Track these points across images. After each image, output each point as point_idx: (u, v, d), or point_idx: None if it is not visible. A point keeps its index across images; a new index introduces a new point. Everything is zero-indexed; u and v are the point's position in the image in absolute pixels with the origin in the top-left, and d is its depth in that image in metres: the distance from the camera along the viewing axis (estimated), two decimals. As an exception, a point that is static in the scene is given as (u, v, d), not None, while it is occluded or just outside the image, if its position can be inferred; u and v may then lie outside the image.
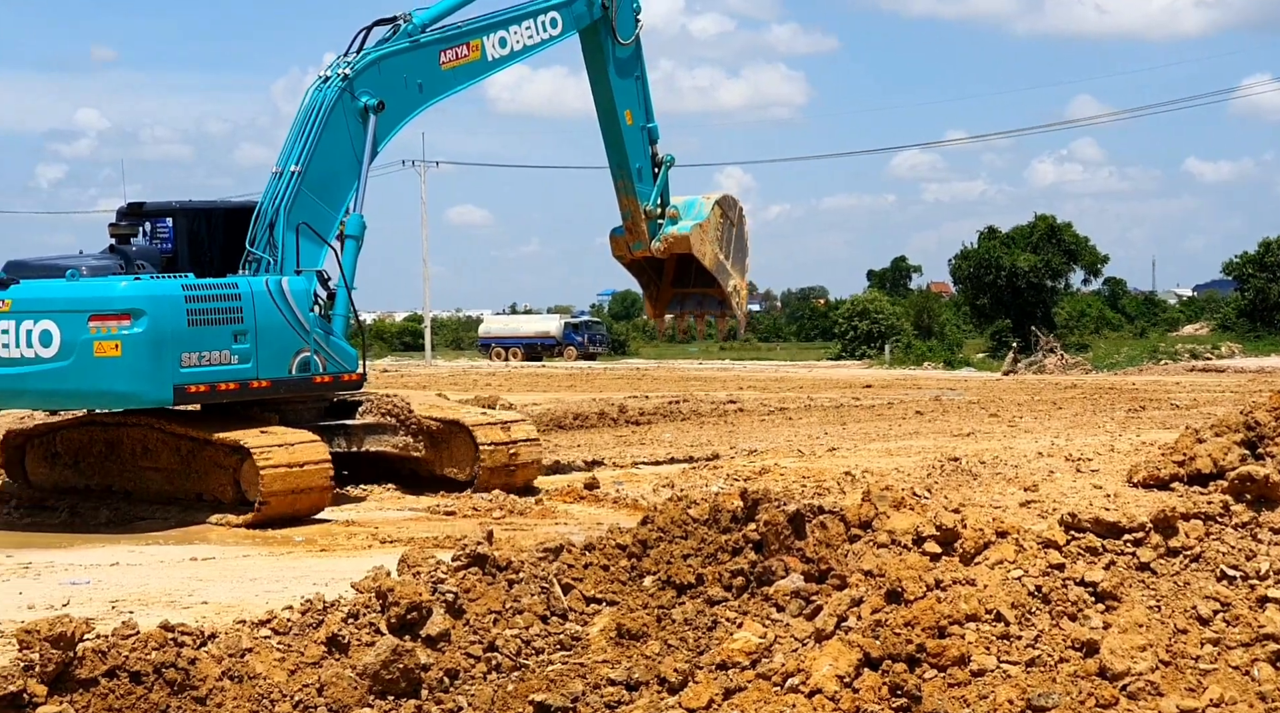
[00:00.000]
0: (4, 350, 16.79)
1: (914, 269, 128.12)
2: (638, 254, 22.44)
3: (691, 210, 22.23)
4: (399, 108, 19.23)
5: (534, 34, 20.65)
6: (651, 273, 23.12)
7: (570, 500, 18.12)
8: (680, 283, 23.19)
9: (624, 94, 21.77)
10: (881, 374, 59.00)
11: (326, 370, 18.17)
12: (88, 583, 12.61)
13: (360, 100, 18.71)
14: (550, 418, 32.46)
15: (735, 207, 22.75)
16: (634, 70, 21.94)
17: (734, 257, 22.55)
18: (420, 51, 19.44)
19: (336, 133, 18.59)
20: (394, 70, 19.14)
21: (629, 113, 21.80)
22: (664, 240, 22.09)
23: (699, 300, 23.18)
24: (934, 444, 23.36)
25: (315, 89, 18.76)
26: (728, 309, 22.92)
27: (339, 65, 18.79)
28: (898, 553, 8.39)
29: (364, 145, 18.72)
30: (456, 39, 19.83)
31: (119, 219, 18.41)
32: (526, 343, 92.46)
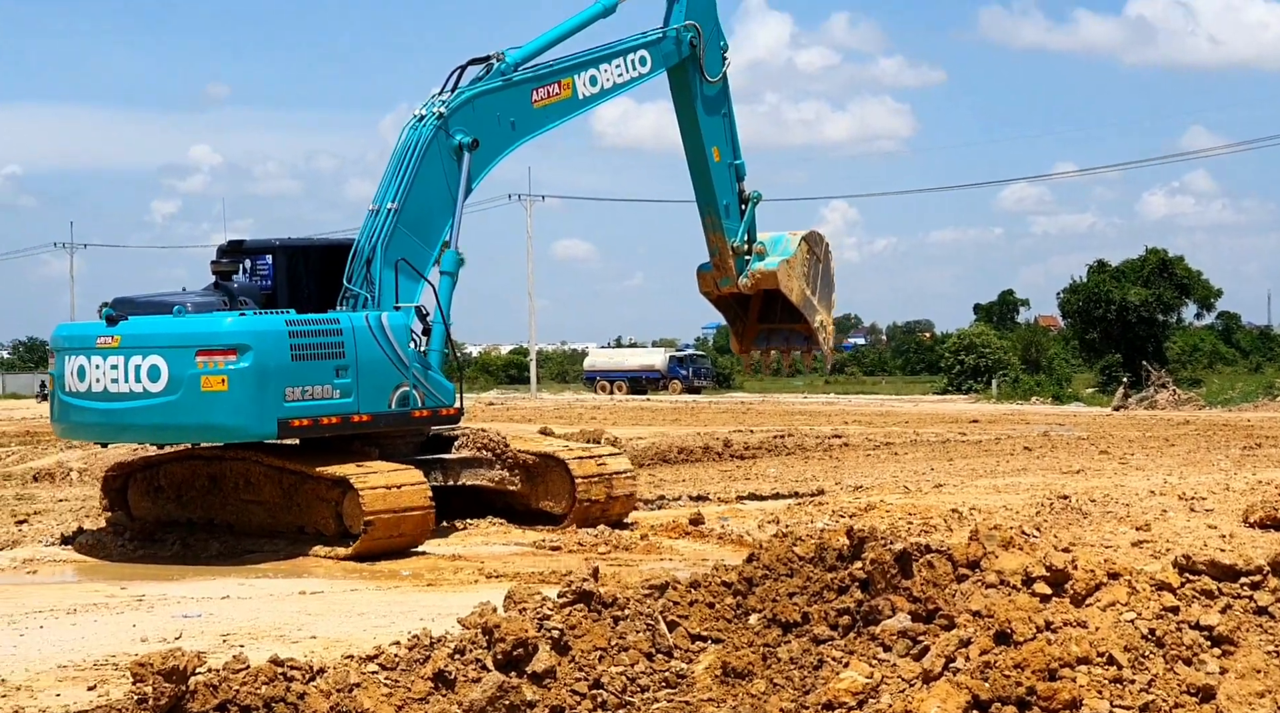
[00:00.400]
0: (113, 385, 17.08)
1: (1021, 303, 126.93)
2: (725, 290, 22.52)
3: (778, 246, 22.27)
4: (493, 145, 19.44)
5: (624, 72, 20.83)
6: (738, 308, 23.17)
7: (675, 536, 18.09)
8: (766, 319, 23.20)
9: (711, 131, 21.92)
10: (988, 409, 58.46)
11: (425, 405, 18.33)
12: (199, 616, 12.76)
13: (455, 138, 18.93)
14: (655, 452, 32.47)
15: (822, 243, 22.75)
16: (721, 107, 22.07)
17: (820, 292, 22.54)
18: (513, 90, 19.66)
19: (432, 170, 18.82)
20: (488, 108, 19.36)
21: (716, 150, 21.96)
22: (751, 276, 22.16)
23: (785, 336, 23.18)
24: (1043, 481, 23.08)
25: (411, 127, 19.00)
26: (814, 344, 22.88)
27: (434, 104, 19.01)
28: (1007, 594, 8.29)
29: (459, 182, 18.92)
30: (548, 77, 20.04)
31: (220, 257, 18.72)
32: (631, 376, 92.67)
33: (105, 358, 17.15)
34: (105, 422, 17.42)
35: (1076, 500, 18.97)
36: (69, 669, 10.38)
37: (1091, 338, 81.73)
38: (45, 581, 15.94)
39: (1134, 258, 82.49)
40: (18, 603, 13.70)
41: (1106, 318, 79.10)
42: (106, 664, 10.49)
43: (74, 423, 17.93)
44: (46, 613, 13.01)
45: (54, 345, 18.25)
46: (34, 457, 32.39)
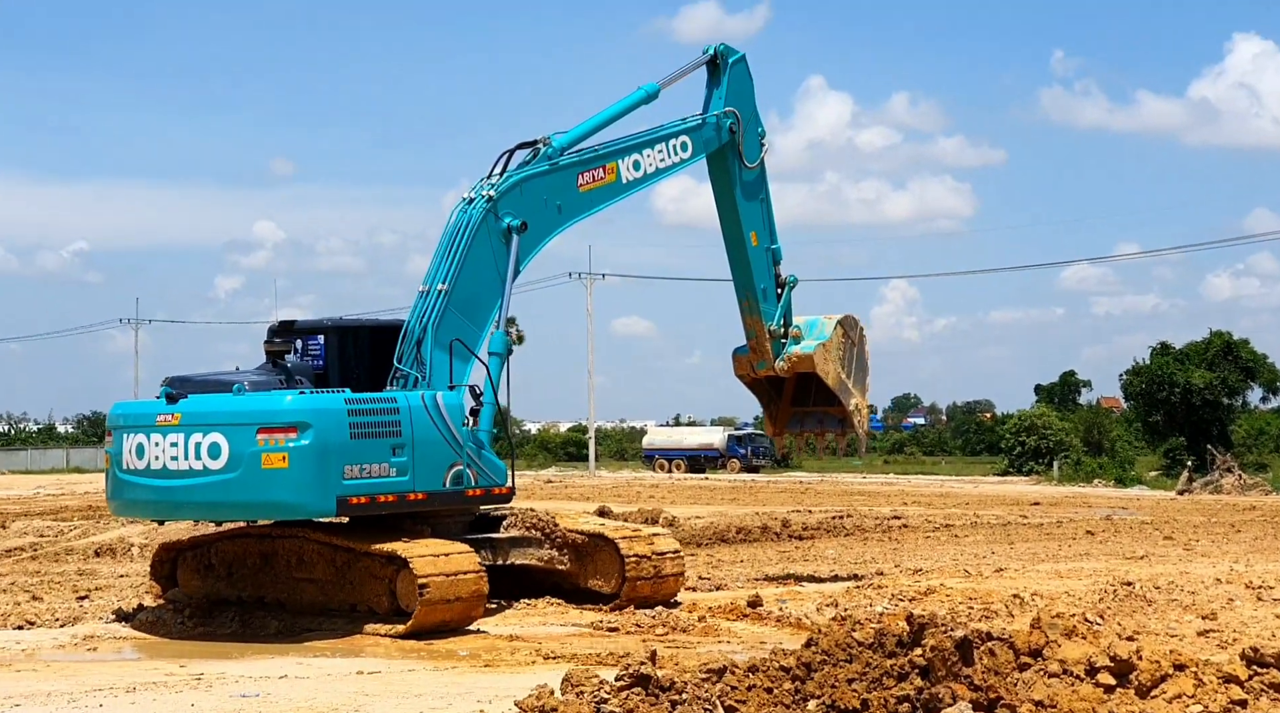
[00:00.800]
0: (172, 462, 17.20)
1: (1083, 384, 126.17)
2: (761, 373, 22.63)
3: (814, 330, 22.37)
4: (540, 228, 19.67)
5: (665, 157, 21.11)
6: (772, 392, 23.25)
7: (733, 618, 18.00)
8: (800, 402, 23.25)
9: (749, 216, 22.15)
10: (1050, 491, 57.98)
11: (478, 484, 18.41)
12: (257, 696, 12.77)
13: (504, 221, 19.15)
14: (713, 531, 32.37)
15: (857, 327, 22.83)
16: (759, 193, 22.33)
17: (855, 376, 22.60)
18: (559, 174, 19.90)
19: (481, 252, 19.02)
20: (535, 192, 19.59)
21: (754, 234, 22.20)
22: (787, 359, 22.28)
23: (819, 419, 23.18)
24: (1105, 567, 22.82)
25: (460, 210, 19.23)
26: (848, 427, 22.86)
27: (483, 187, 19.26)
28: (1070, 683, 8.20)
29: (507, 264, 19.13)
30: (593, 162, 20.29)
31: (271, 336, 18.92)
32: (690, 455, 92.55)
33: (165, 435, 17.29)
34: (163, 499, 17.54)
35: (1140, 587, 18.75)
36: (127, 748, 10.40)
37: (1155, 420, 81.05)
38: (105, 658, 16.01)
39: (1198, 341, 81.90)
40: (78, 681, 13.77)
41: (1170, 400, 78.46)
42: (164, 743, 10.50)
43: (131, 500, 18.05)
44: (106, 691, 13.05)
45: (111, 424, 18.40)
46: (96, 531, 32.62)
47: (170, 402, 17.48)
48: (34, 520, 35.59)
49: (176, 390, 17.67)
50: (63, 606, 19.87)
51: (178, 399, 17.49)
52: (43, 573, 25.41)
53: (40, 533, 33.06)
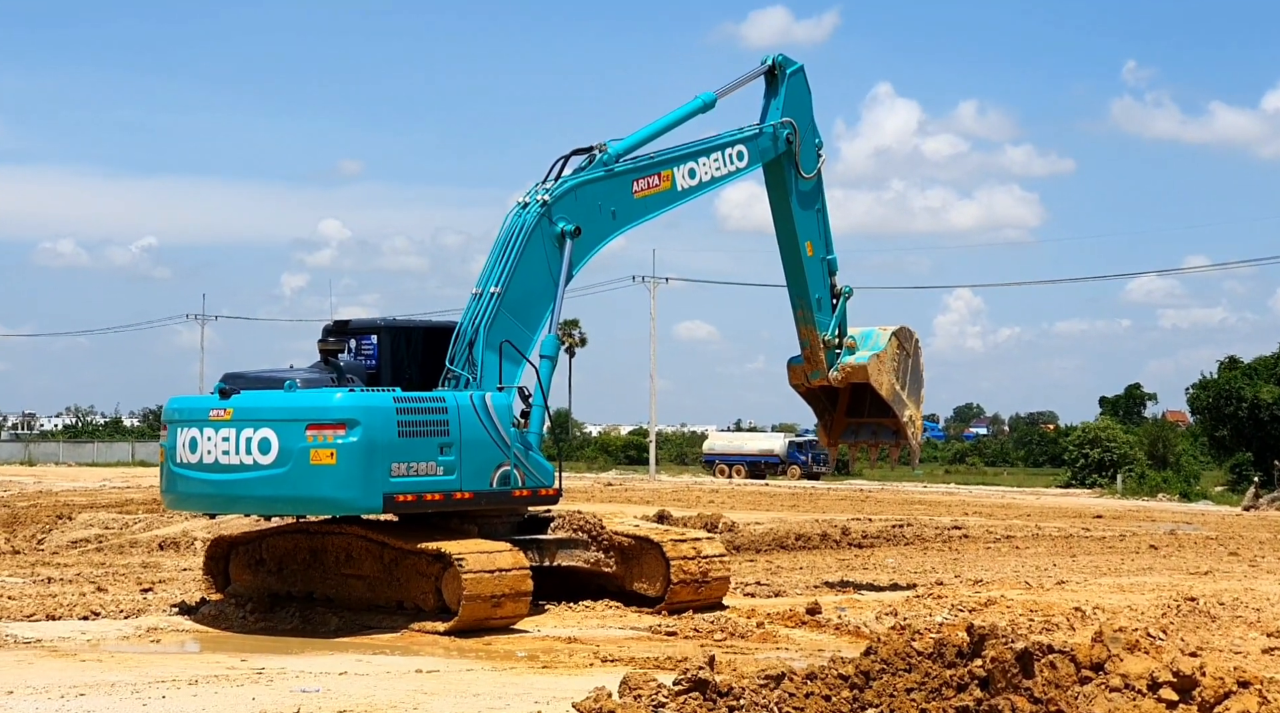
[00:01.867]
0: (224, 457, 17.43)
1: (1149, 397, 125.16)
2: (815, 383, 22.57)
3: (869, 341, 22.32)
4: (594, 234, 19.75)
5: (721, 166, 21.16)
6: (826, 402, 23.20)
7: (792, 625, 17.96)
8: (854, 413, 23.18)
9: (805, 226, 22.17)
10: (1113, 504, 57.52)
11: (525, 485, 18.50)
12: (318, 691, 12.86)
13: (558, 225, 19.23)
14: (773, 538, 32.31)
15: (912, 338, 22.73)
16: (815, 203, 22.34)
17: (909, 387, 22.49)
18: (615, 180, 19.97)
19: (535, 256, 19.11)
20: (590, 197, 19.66)
21: (809, 244, 22.20)
22: (842, 370, 22.21)
23: (873, 430, 23.09)
24: (1169, 582, 22.64)
25: (515, 214, 19.32)
26: (902, 439, 22.74)
27: (538, 192, 19.35)
28: (1131, 698, 8.14)
29: (560, 269, 19.20)
30: (649, 169, 20.36)
31: (326, 336, 19.11)
32: (750, 461, 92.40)
33: (217, 430, 17.51)
34: (215, 493, 17.76)
35: (1204, 603, 18.59)
36: (189, 740, 10.50)
37: (1221, 435, 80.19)
38: (168, 650, 16.18)
39: (1267, 355, 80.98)
40: (142, 672, 13.92)
41: (1237, 415, 77.60)
42: (225, 736, 10.59)
43: (183, 494, 18.29)
44: (169, 683, 13.19)
45: (166, 418, 18.66)
46: (160, 525, 32.96)
47: (223, 397, 17.71)
48: (99, 513, 35.97)
49: (231, 386, 17.89)
50: (127, 598, 20.09)
51: (231, 395, 17.71)
52: (107, 565, 25.71)
53: (105, 525, 33.44)
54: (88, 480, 60.77)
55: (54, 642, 16.12)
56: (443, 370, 18.87)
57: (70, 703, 12.15)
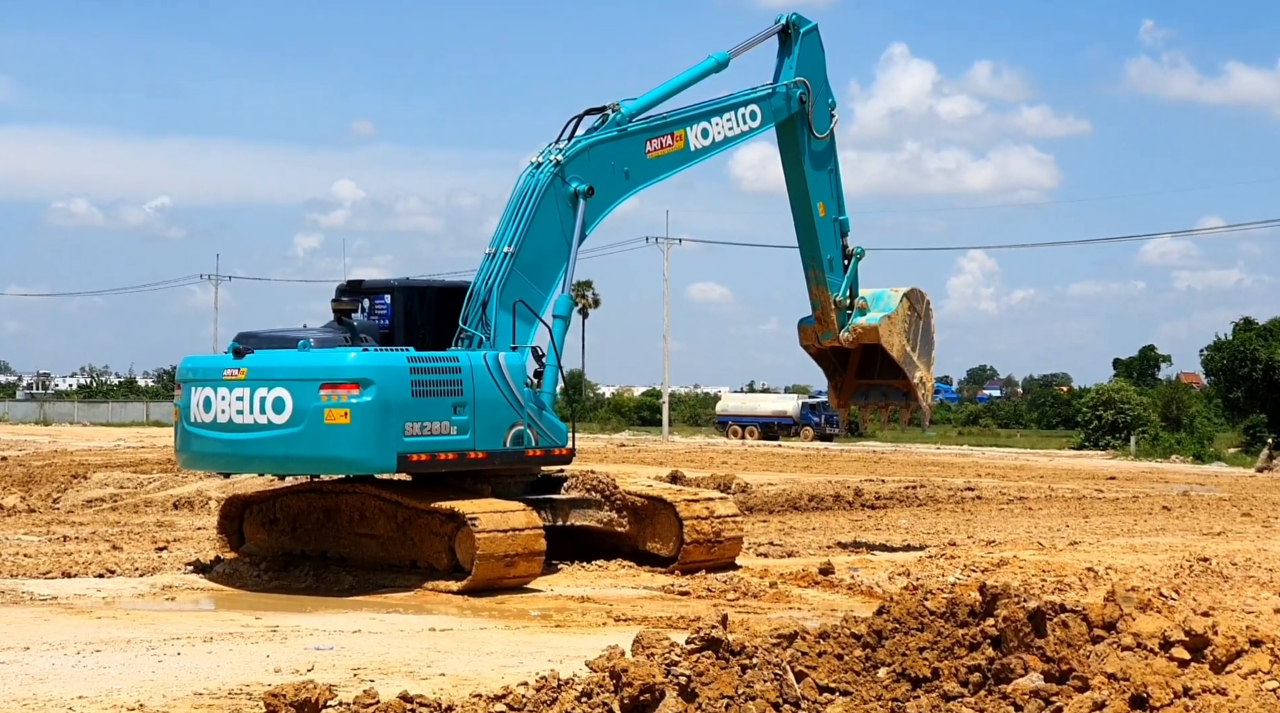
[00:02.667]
0: (238, 416, 17.46)
1: (1163, 359, 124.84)
2: (826, 344, 22.52)
3: (880, 302, 22.27)
4: (607, 193, 19.74)
5: (734, 126, 21.15)
6: (837, 364, 23.15)
7: (805, 585, 18.00)
8: (865, 375, 23.12)
9: (818, 186, 22.12)
10: (1126, 466, 57.48)
11: (539, 444, 18.53)
12: (331, 649, 12.92)
13: (571, 185, 19.22)
14: (786, 499, 32.34)
15: (923, 300, 22.66)
16: (828, 163, 22.29)
17: (920, 349, 22.43)
18: (628, 140, 19.98)
19: (548, 216, 19.11)
20: (603, 157, 19.66)
21: (821, 205, 22.16)
22: (853, 330, 22.16)
23: (883, 391, 23.05)
24: (1182, 542, 22.63)
25: (528, 174, 19.32)
26: (912, 401, 22.69)
27: (551, 152, 19.35)
28: (1143, 657, 8.15)
29: (573, 228, 19.20)
30: (661, 129, 20.36)
31: (339, 295, 19.12)
32: (763, 422, 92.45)
33: (231, 390, 17.53)
34: (229, 452, 17.80)
35: (1217, 563, 18.59)
36: (204, 697, 10.56)
37: (1235, 397, 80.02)
38: (183, 608, 16.25)
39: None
40: (156, 629, 13.99)
41: (1252, 377, 77.41)
42: (240, 693, 10.66)
43: (198, 453, 18.32)
44: (184, 640, 13.25)
45: (180, 377, 18.69)
46: (175, 484, 33.06)
47: (237, 357, 17.73)
48: (114, 472, 36.10)
49: (245, 346, 17.91)
50: (142, 556, 20.18)
51: (244, 354, 17.72)
52: (122, 524, 25.80)
53: (120, 485, 33.55)
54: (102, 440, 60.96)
55: (70, 599, 16.21)
56: (456, 331, 18.91)
57: (86, 659, 12.21)
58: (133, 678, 11.30)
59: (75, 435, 68.33)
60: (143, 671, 11.69)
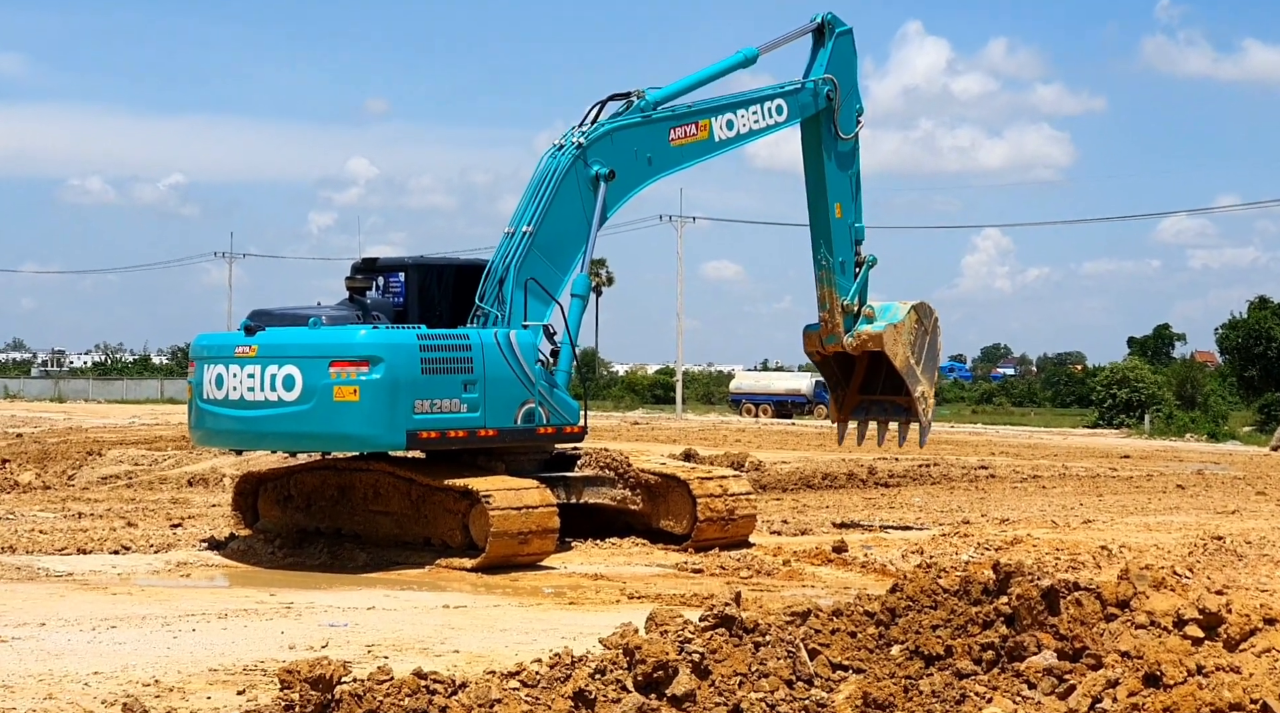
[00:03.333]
0: (249, 393, 17.53)
1: (1178, 337, 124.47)
2: (829, 348, 22.33)
3: (887, 313, 22.18)
4: (628, 179, 19.79)
5: (760, 119, 21.15)
6: (840, 375, 22.93)
7: (818, 563, 18.02)
8: (868, 390, 22.92)
9: (837, 187, 22.06)
10: (1140, 445, 57.40)
11: (550, 422, 18.58)
12: (345, 626, 12.96)
13: (592, 168, 19.28)
14: (799, 477, 32.37)
15: (931, 315, 22.56)
16: (850, 166, 22.26)
17: (925, 364, 22.28)
18: (652, 127, 20.03)
19: (568, 198, 19.16)
20: (626, 142, 19.71)
21: (839, 206, 22.10)
22: (857, 336, 22.00)
23: (884, 407, 22.85)
24: (1196, 521, 22.61)
25: (549, 156, 19.39)
26: (913, 417, 22.46)
27: (574, 134, 19.42)
28: (1157, 635, 8.14)
29: (594, 211, 19.23)
30: (686, 118, 20.40)
31: (354, 273, 19.19)
32: (777, 400, 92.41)
33: (243, 367, 17.60)
34: (241, 429, 17.88)
35: (1231, 542, 18.58)
36: (219, 673, 10.61)
37: (1250, 376, 79.91)
38: (197, 584, 16.31)
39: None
40: (171, 606, 14.04)
41: (1267, 356, 77.30)
42: (255, 669, 10.70)
43: (211, 430, 18.40)
44: (198, 617, 13.30)
45: (193, 354, 18.78)
46: (189, 461, 33.15)
47: (249, 334, 17.78)
48: (129, 450, 36.19)
49: (257, 323, 17.96)
50: (156, 532, 20.24)
51: (256, 331, 17.77)
52: (137, 500, 25.89)
53: (135, 461, 33.65)
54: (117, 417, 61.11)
55: (85, 575, 16.27)
56: (470, 309, 18.95)
57: (101, 635, 12.27)
58: (148, 654, 11.35)
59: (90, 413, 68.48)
60: (158, 647, 11.74)
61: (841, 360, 22.68)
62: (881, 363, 22.21)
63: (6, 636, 12.04)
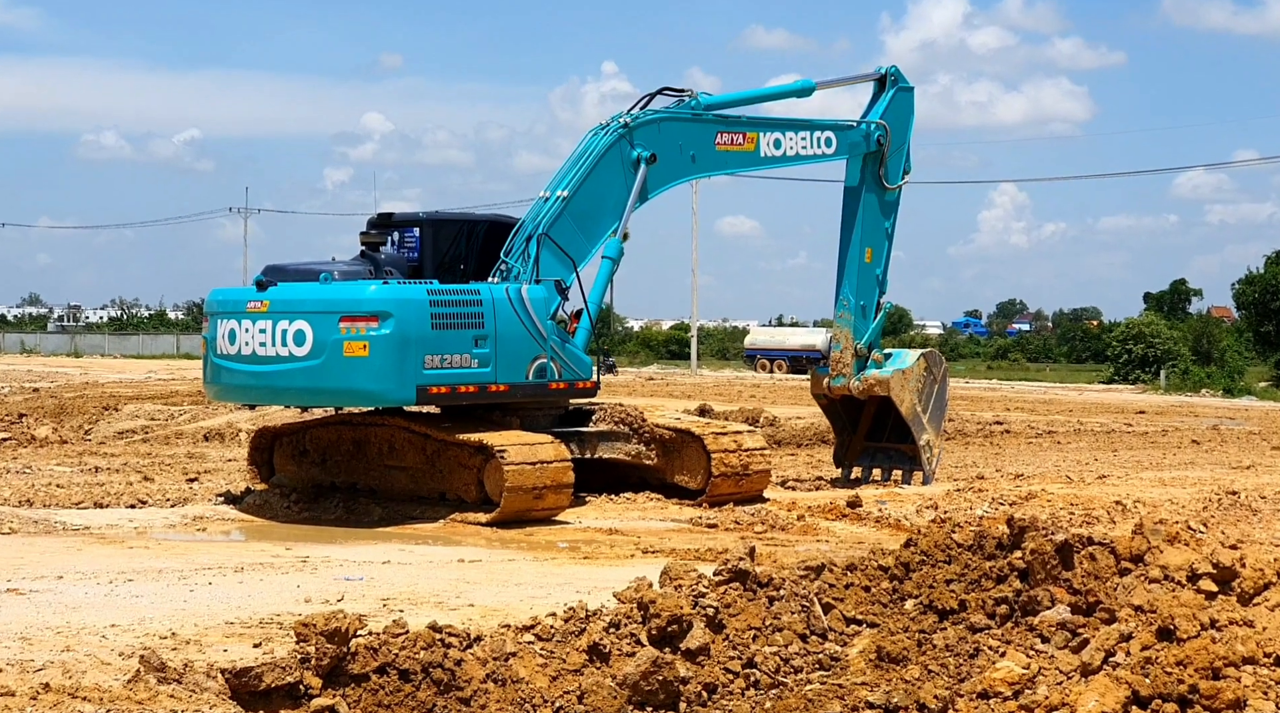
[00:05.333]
0: (261, 349, 17.58)
1: (1194, 293, 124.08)
2: (836, 390, 22.18)
3: (896, 359, 22.15)
4: (669, 169, 19.93)
5: (808, 146, 21.33)
6: (846, 421, 22.78)
7: (832, 518, 18.05)
8: (874, 438, 22.82)
9: (870, 233, 22.10)
10: (1156, 400, 57.30)
11: (562, 377, 18.61)
12: (361, 579, 13.01)
13: (635, 151, 19.44)
14: (814, 432, 32.35)
15: (940, 364, 22.51)
16: (888, 217, 22.31)
17: (931, 413, 22.18)
18: (700, 125, 20.22)
19: (608, 173, 19.29)
20: (671, 134, 19.87)
21: (870, 251, 22.13)
22: (865, 381, 21.88)
23: (890, 456, 22.72)
24: (1211, 476, 22.58)
25: (593, 133, 19.53)
26: (917, 466, 22.34)
27: (621, 116, 19.56)
28: (1171, 589, 8.16)
29: (632, 189, 19.30)
30: (736, 126, 20.61)
31: (369, 228, 19.22)
32: (792, 356, 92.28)
33: (255, 322, 17.64)
34: (254, 384, 17.95)
35: (1246, 497, 18.55)
36: (235, 626, 10.66)
37: (1267, 331, 79.69)
38: (213, 538, 16.38)
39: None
40: (188, 559, 14.11)
41: (1283, 310, 77.04)
42: (271, 623, 10.75)
43: (225, 385, 18.48)
44: (215, 570, 13.36)
45: (208, 310, 18.85)
46: (205, 416, 33.23)
47: (260, 289, 17.81)
48: (145, 404, 36.27)
49: (270, 279, 17.99)
50: (173, 487, 20.32)
51: (268, 287, 17.80)
52: (153, 455, 25.97)
53: (151, 416, 33.73)
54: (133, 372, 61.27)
55: (102, 529, 16.35)
56: (484, 264, 18.97)
57: (119, 588, 12.33)
58: (165, 607, 11.41)
59: (106, 368, 68.68)
60: (174, 600, 11.80)
61: (848, 407, 22.59)
62: (888, 410, 22.13)
63: (24, 589, 12.10)
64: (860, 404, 22.37)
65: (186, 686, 8.04)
